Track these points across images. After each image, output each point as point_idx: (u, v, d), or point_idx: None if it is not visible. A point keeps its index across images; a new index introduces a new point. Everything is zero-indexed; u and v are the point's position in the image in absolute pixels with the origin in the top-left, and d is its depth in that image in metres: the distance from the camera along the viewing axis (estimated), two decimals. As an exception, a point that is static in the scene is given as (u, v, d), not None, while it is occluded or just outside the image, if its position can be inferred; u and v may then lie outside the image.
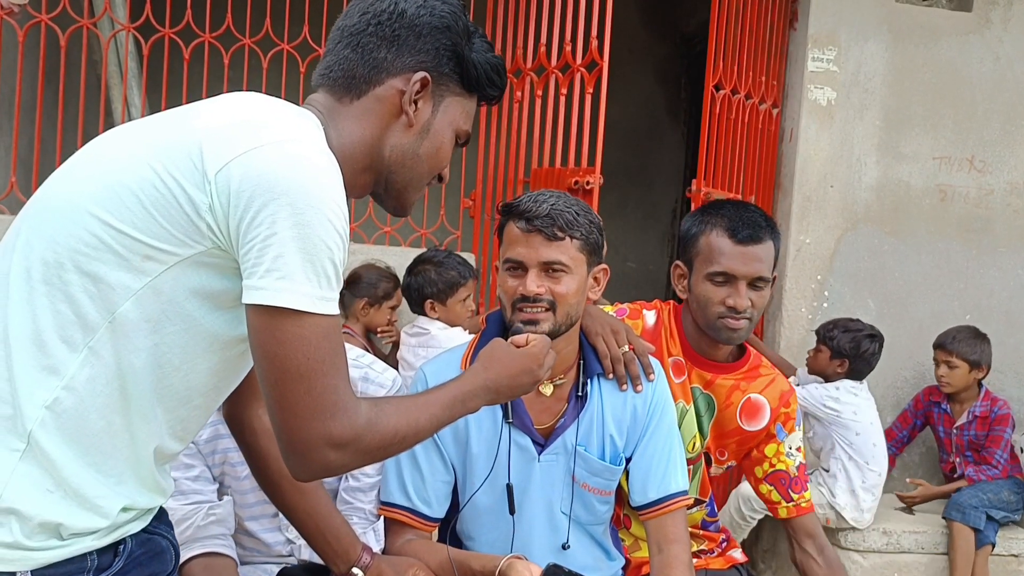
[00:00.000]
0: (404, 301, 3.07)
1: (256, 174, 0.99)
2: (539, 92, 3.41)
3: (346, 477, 1.77)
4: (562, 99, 3.30)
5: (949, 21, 3.77)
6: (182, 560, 1.58)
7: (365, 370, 1.76)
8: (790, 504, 1.95)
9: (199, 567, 1.59)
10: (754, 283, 1.81)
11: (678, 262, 1.91)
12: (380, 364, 1.82)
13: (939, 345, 3.53)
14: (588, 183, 3.11)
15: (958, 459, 3.56)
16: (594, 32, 3.16)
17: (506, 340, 1.74)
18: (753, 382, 1.93)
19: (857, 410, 3.30)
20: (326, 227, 1.00)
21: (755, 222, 1.82)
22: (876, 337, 3.35)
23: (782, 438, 1.95)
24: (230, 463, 1.66)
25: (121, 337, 1.04)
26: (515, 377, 1.35)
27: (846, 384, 3.33)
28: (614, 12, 3.13)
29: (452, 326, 2.92)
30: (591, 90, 3.20)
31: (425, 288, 2.90)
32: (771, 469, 1.96)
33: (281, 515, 1.68)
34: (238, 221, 1.00)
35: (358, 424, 1.06)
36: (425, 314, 2.94)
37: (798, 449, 1.97)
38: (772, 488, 1.96)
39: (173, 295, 1.05)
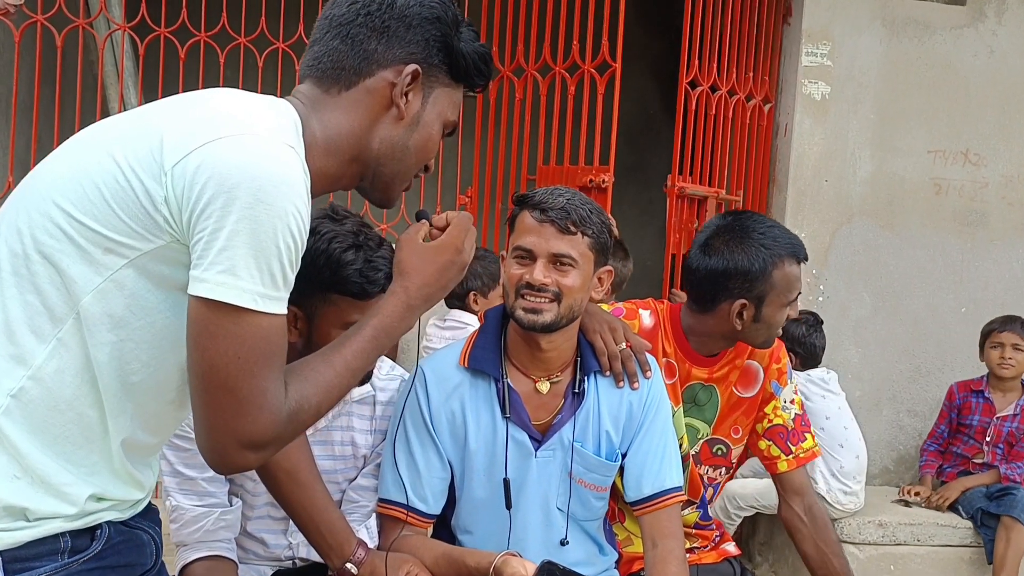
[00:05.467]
0: None
1: (210, 166, 0.97)
2: (544, 91, 3.45)
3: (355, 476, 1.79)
4: (569, 98, 3.36)
5: (943, 14, 3.78)
6: (188, 560, 1.61)
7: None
8: (789, 457, 2.00)
9: (202, 569, 1.61)
10: None
11: (743, 300, 1.84)
12: (386, 364, 1.83)
13: (1009, 329, 3.49)
14: (603, 181, 3.25)
15: (988, 448, 3.54)
16: (605, 33, 3.25)
17: (496, 329, 1.75)
18: (744, 350, 1.97)
19: (825, 395, 3.36)
20: (275, 225, 0.98)
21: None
22: (803, 320, 3.36)
23: (778, 393, 2.00)
24: None
25: (87, 330, 1.03)
26: (439, 278, 1.22)
27: (815, 373, 3.38)
28: (612, 10, 3.17)
29: None
30: (602, 91, 3.29)
31: (469, 281, 2.94)
32: (769, 424, 2.01)
33: (288, 520, 1.69)
34: (190, 213, 0.98)
35: (279, 423, 1.03)
36: (464, 307, 2.96)
37: (792, 401, 2.02)
38: (771, 443, 2.01)
39: (136, 290, 1.03)
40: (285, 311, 1.03)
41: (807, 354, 3.38)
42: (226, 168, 0.97)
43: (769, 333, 1.89)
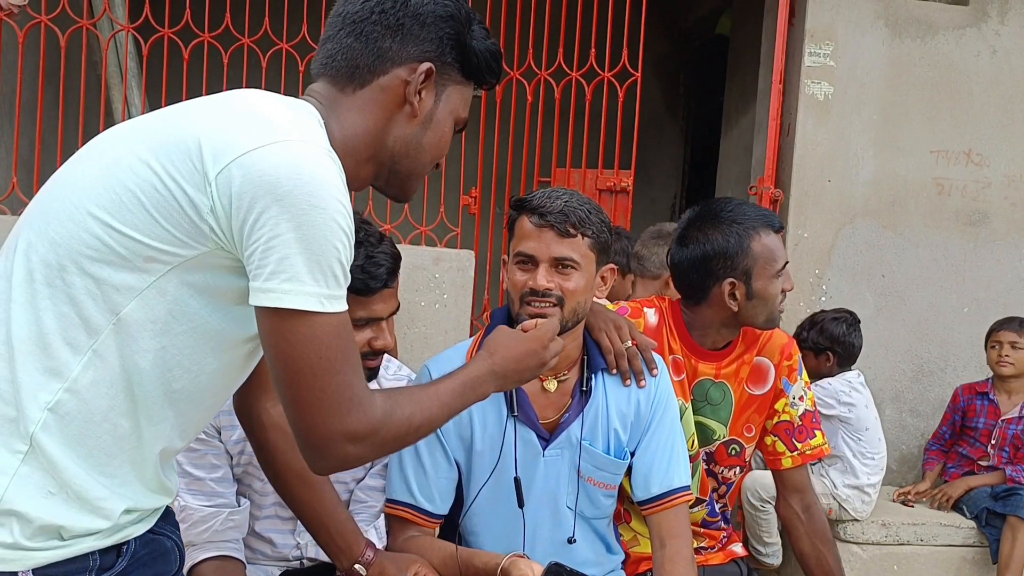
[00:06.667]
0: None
1: (256, 175, 0.99)
2: (559, 96, 3.49)
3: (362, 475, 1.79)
4: (587, 104, 3.42)
5: (946, 14, 3.78)
6: (196, 560, 1.61)
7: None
8: (794, 453, 2.01)
9: (211, 569, 1.61)
10: None
11: (731, 280, 1.86)
12: (393, 364, 1.83)
13: (1006, 328, 3.51)
14: (627, 186, 3.47)
15: (994, 452, 3.53)
16: (625, 44, 3.33)
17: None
18: (753, 346, 1.97)
19: (868, 404, 3.32)
20: (330, 226, 1.00)
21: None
22: (842, 319, 3.33)
23: (788, 389, 2.00)
24: (255, 464, 1.66)
25: (126, 339, 1.04)
26: (520, 361, 1.35)
27: (853, 379, 3.33)
28: (632, 19, 3.22)
29: None
30: (623, 98, 3.40)
31: None
32: (777, 420, 2.01)
33: (295, 520, 1.69)
34: (240, 223, 0.99)
35: (375, 417, 1.07)
36: None
37: (800, 398, 2.02)
38: (776, 439, 2.01)
39: (178, 295, 1.04)
40: (347, 308, 1.06)
41: (845, 354, 3.32)
42: (275, 176, 0.99)
43: (768, 309, 1.88)
